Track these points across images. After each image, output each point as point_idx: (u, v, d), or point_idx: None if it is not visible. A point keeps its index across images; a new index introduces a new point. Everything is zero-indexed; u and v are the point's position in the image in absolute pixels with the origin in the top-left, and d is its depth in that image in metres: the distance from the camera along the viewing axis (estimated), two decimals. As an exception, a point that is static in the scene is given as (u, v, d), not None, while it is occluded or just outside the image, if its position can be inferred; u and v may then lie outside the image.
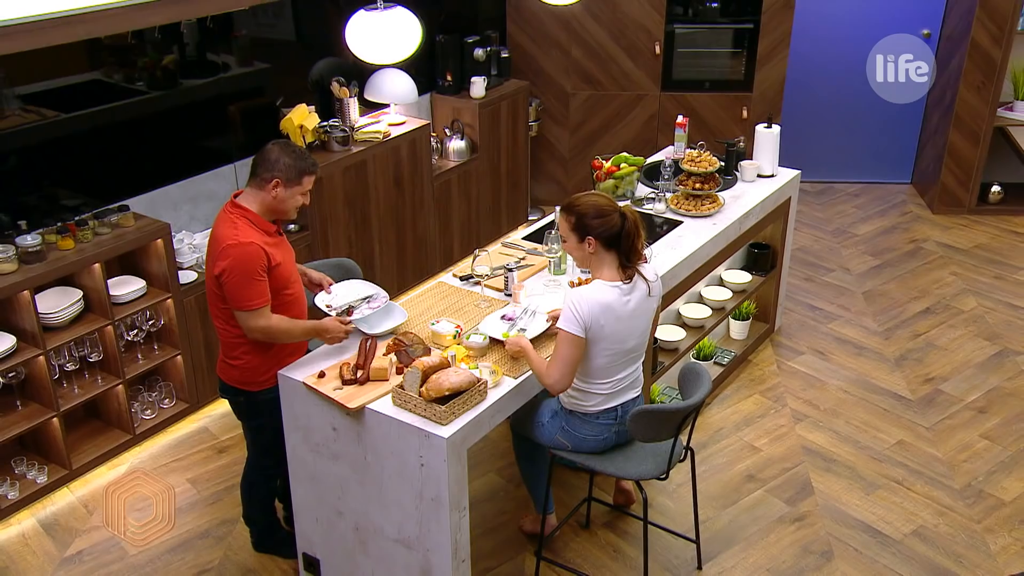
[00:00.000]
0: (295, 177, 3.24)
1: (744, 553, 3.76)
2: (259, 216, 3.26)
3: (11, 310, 3.87)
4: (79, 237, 4.00)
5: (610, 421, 3.30)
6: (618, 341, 3.15)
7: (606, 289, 3.11)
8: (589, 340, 3.10)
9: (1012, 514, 3.95)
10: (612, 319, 3.10)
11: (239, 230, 3.18)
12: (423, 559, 3.21)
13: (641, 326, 3.22)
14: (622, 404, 3.30)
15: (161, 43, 4.49)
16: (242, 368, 3.36)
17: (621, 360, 3.21)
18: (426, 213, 5.59)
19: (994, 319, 5.41)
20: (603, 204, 3.11)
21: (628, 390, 3.31)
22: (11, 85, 3.95)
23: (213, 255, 3.21)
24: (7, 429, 3.90)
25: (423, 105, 5.89)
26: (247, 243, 3.16)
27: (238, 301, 3.19)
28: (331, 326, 3.35)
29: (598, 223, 3.08)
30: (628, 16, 6.20)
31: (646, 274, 3.18)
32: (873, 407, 4.65)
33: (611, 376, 3.23)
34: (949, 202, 6.70)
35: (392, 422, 3.06)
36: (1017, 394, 4.74)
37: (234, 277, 3.15)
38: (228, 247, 3.15)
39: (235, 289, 3.17)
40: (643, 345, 3.29)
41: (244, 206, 3.26)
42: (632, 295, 3.14)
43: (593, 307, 3.06)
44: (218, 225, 3.25)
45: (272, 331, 3.26)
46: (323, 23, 5.23)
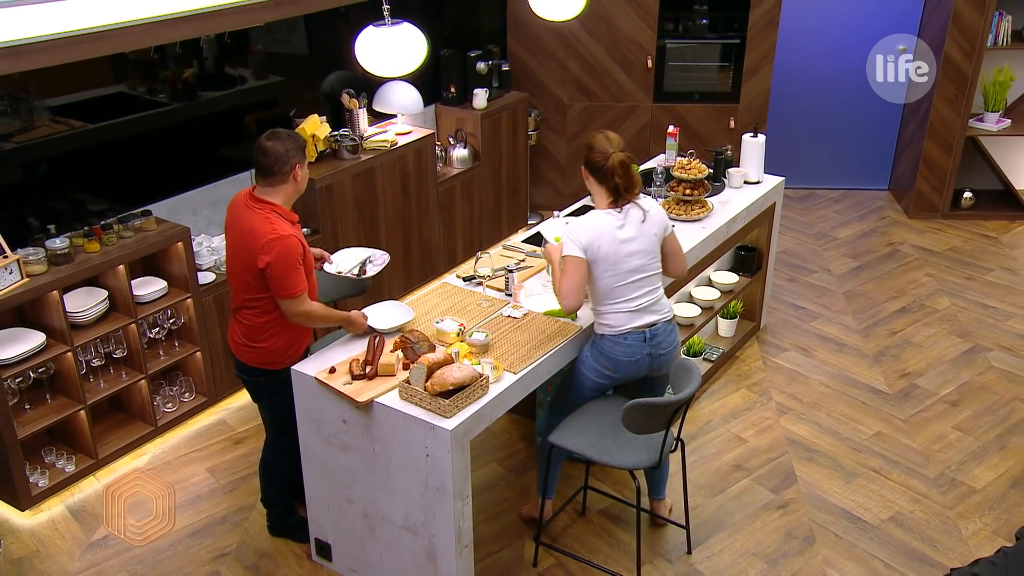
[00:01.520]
0: (303, 155, 3.35)
1: (731, 538, 3.76)
2: (285, 208, 3.32)
3: (41, 309, 3.86)
4: (104, 240, 4.00)
5: (639, 342, 3.38)
6: (617, 262, 3.29)
7: (599, 215, 3.32)
8: (590, 261, 3.28)
9: (983, 501, 3.95)
10: (607, 241, 3.27)
11: (275, 224, 3.23)
12: (428, 544, 3.21)
13: (640, 249, 3.32)
14: (649, 326, 3.38)
15: (182, 57, 4.49)
16: (266, 350, 3.41)
17: (627, 281, 3.32)
18: (431, 217, 5.59)
19: (966, 318, 5.40)
20: (599, 142, 3.31)
21: (650, 313, 3.38)
22: (41, 97, 3.95)
23: (253, 249, 3.22)
24: (38, 421, 3.90)
25: (428, 115, 5.89)
26: (287, 236, 3.22)
27: (284, 290, 3.25)
28: (356, 319, 3.48)
29: (588, 155, 3.34)
30: (622, 32, 6.19)
31: (642, 204, 3.34)
32: (853, 400, 4.65)
33: (623, 296, 3.33)
34: (924, 207, 6.70)
35: (399, 415, 3.06)
36: (988, 388, 4.74)
37: (279, 268, 3.21)
38: (271, 241, 3.19)
39: (281, 279, 3.23)
40: (649, 268, 3.36)
41: (270, 201, 3.28)
42: (626, 221, 3.30)
43: (588, 230, 3.27)
44: (251, 220, 3.26)
45: (312, 315, 3.36)
46: (334, 38, 5.23)
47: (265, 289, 3.29)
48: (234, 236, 3.36)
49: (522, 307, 3.67)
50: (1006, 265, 6.03)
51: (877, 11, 6.57)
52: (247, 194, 3.33)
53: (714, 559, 3.65)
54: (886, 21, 6.55)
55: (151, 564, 3.66)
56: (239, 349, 3.46)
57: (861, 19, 6.65)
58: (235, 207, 3.37)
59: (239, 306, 3.41)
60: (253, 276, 3.27)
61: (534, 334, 3.49)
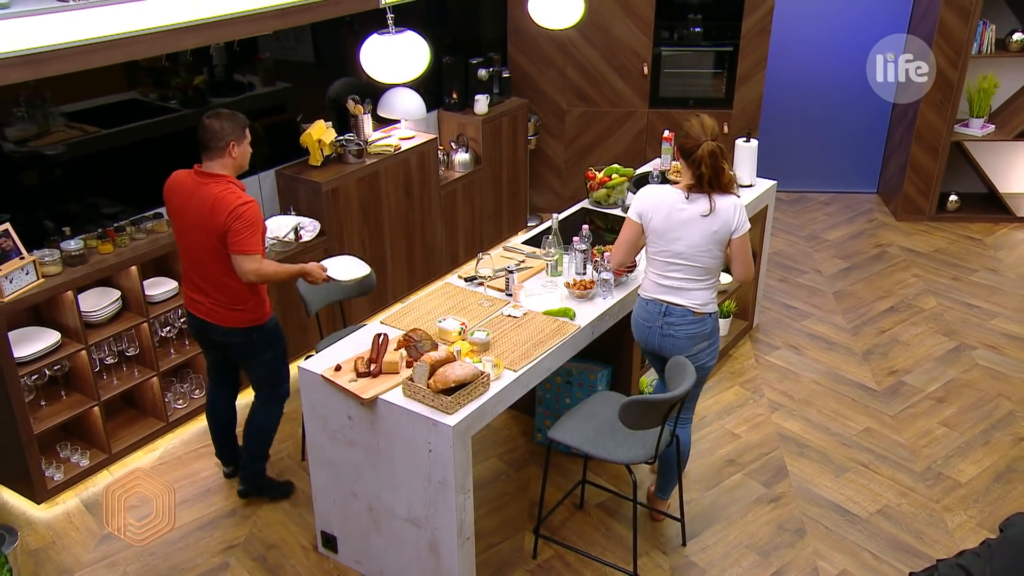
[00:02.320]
0: (241, 133, 3.44)
1: (725, 531, 3.76)
2: (234, 178, 3.44)
3: (56, 309, 3.86)
4: (117, 242, 4.00)
5: (655, 314, 3.41)
6: (664, 238, 3.33)
7: (669, 189, 3.36)
8: (644, 228, 3.37)
9: (967, 494, 3.95)
10: (661, 216, 3.31)
11: (240, 193, 3.38)
12: (431, 537, 3.21)
13: (690, 237, 3.30)
14: (666, 304, 3.39)
15: (192, 65, 4.49)
16: (249, 309, 3.54)
17: (668, 258, 3.35)
18: (433, 220, 5.58)
19: (952, 317, 5.40)
20: (693, 127, 3.29)
21: (674, 294, 3.38)
22: (57, 104, 3.94)
23: (221, 215, 3.32)
24: (53, 417, 3.90)
25: (431, 121, 5.88)
26: (251, 200, 3.38)
27: (243, 246, 3.34)
28: (313, 270, 3.61)
29: (681, 140, 3.32)
30: (619, 40, 6.19)
31: (717, 200, 3.27)
32: (842, 397, 4.65)
33: (657, 268, 3.39)
34: (911, 210, 6.69)
35: (402, 411, 3.06)
36: (972, 385, 4.73)
37: (244, 228, 3.33)
38: (241, 205, 3.33)
39: (243, 237, 3.33)
40: (692, 258, 3.32)
41: (220, 173, 3.41)
42: (689, 207, 3.28)
43: (649, 199, 3.36)
44: (212, 192, 3.36)
45: (264, 272, 3.43)
46: (339, 46, 5.23)
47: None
48: (193, 212, 3.41)
49: (522, 307, 3.67)
50: (990, 266, 6.03)
51: (866, 21, 6.56)
52: (191, 173, 3.45)
53: (708, 551, 3.65)
54: (875, 30, 6.54)
55: (163, 556, 3.65)
56: (224, 316, 3.53)
57: (851, 28, 6.65)
58: (181, 187, 3.46)
59: (213, 280, 3.48)
60: (220, 241, 3.37)
61: (533, 333, 3.49)
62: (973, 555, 2.56)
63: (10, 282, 3.58)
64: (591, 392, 4.01)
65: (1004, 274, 5.92)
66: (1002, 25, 6.26)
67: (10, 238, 3.69)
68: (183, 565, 3.61)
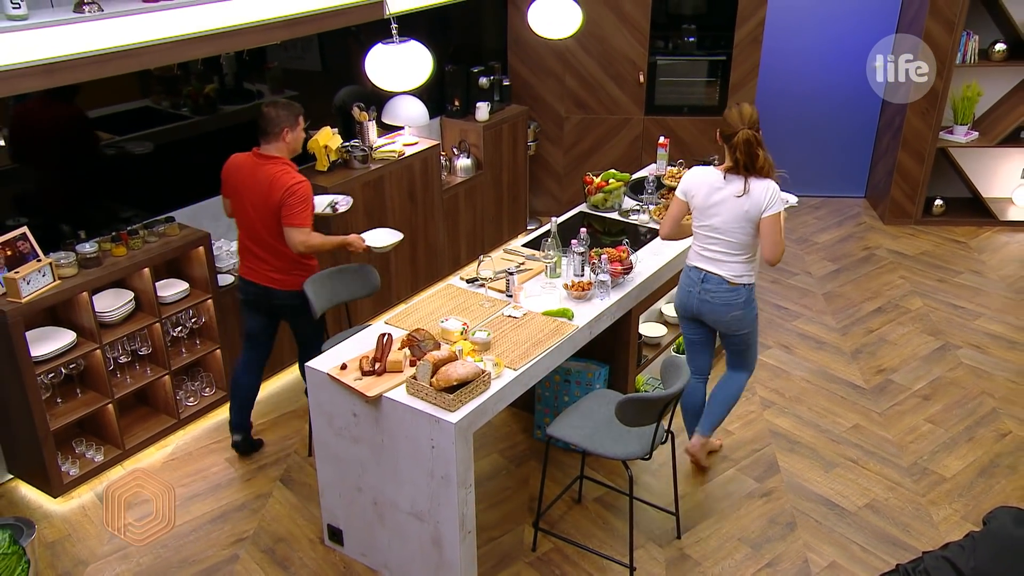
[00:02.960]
0: (295, 121, 3.74)
1: (718, 524, 3.76)
2: (288, 160, 3.76)
3: (72, 309, 3.87)
4: (131, 245, 4.00)
5: (695, 280, 3.67)
6: (704, 213, 3.58)
7: (711, 170, 3.59)
8: (689, 203, 3.63)
9: (952, 489, 3.95)
10: (702, 194, 3.57)
11: (293, 173, 3.70)
12: (434, 530, 3.21)
13: (725, 214, 3.53)
14: (705, 272, 3.64)
15: (203, 74, 4.49)
16: (308, 269, 3.87)
17: (707, 232, 3.60)
18: (436, 223, 5.58)
19: (937, 317, 5.40)
20: (732, 115, 3.50)
21: (712, 263, 3.62)
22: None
23: (278, 191, 3.64)
24: (69, 414, 3.90)
25: (434, 127, 5.89)
26: (304, 180, 3.70)
27: (295, 219, 3.66)
28: (353, 239, 3.97)
29: (721, 126, 3.54)
30: (616, 49, 6.19)
31: (752, 185, 3.47)
32: (832, 395, 4.65)
33: (700, 241, 3.64)
34: (898, 214, 6.70)
35: (406, 409, 3.06)
36: (957, 383, 4.73)
37: (297, 203, 3.65)
38: (296, 184, 3.66)
39: (296, 213, 3.66)
40: (727, 233, 3.55)
41: (276, 155, 3.73)
42: (727, 187, 3.51)
43: (694, 179, 3.61)
44: (269, 171, 3.68)
45: (313, 244, 3.76)
46: (345, 55, 5.23)
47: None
48: (251, 190, 3.72)
49: (522, 307, 3.67)
50: (974, 268, 6.03)
51: (854, 31, 6.57)
52: (250, 155, 3.75)
53: (702, 544, 3.65)
54: (862, 41, 6.55)
55: (174, 548, 3.66)
56: (282, 280, 3.85)
57: (840, 39, 6.66)
58: (240, 168, 3.78)
59: (272, 249, 3.78)
60: (277, 216, 3.69)
61: (533, 333, 3.49)
62: (958, 547, 2.56)
63: (27, 283, 3.59)
64: (589, 390, 4.02)
65: (987, 276, 5.92)
66: (985, 36, 6.27)
67: (28, 241, 3.69)
68: (194, 557, 3.61)
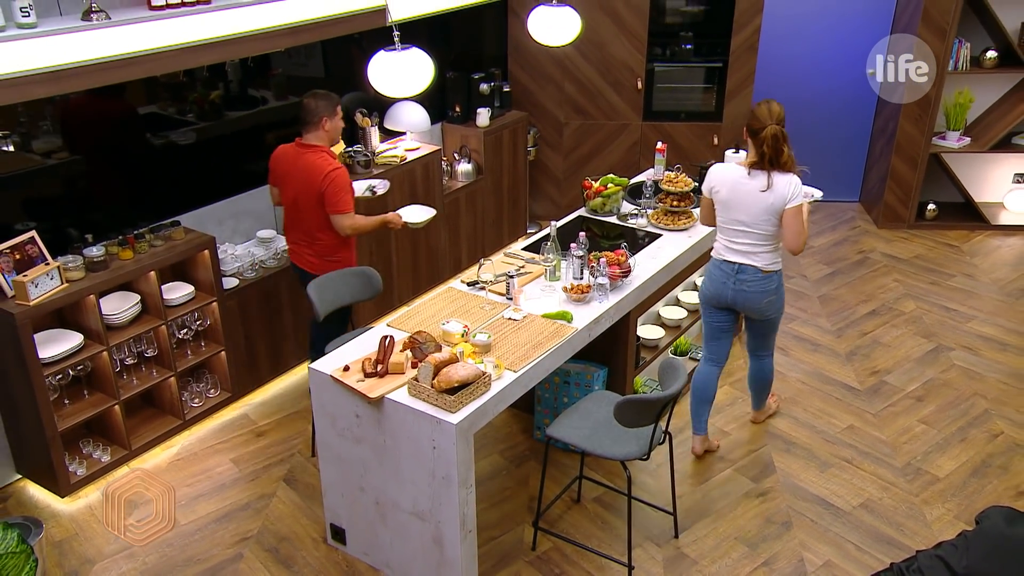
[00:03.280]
0: (333, 111, 3.96)
1: (715, 524, 3.76)
2: (328, 148, 3.96)
3: (79, 312, 3.87)
4: (137, 248, 4.00)
5: (728, 273, 3.78)
6: (729, 208, 3.69)
7: (734, 166, 3.71)
8: (714, 199, 3.75)
9: (945, 489, 3.95)
10: (727, 188, 3.68)
11: (331, 160, 3.90)
12: (435, 529, 3.21)
13: (751, 208, 3.63)
14: (736, 265, 3.75)
15: (208, 80, 4.49)
16: (341, 259, 4.08)
17: (734, 226, 3.71)
18: (437, 227, 5.58)
19: (930, 320, 5.40)
20: (761, 111, 3.64)
21: (742, 255, 3.74)
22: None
23: (317, 179, 3.85)
24: (76, 415, 3.89)
25: (435, 133, 5.89)
26: (341, 167, 3.90)
27: (338, 206, 3.88)
28: (392, 217, 4.18)
29: (749, 120, 3.67)
30: (614, 56, 6.20)
31: (775, 179, 3.58)
32: (827, 396, 4.65)
33: (728, 236, 3.76)
34: (892, 218, 6.70)
35: (408, 410, 3.06)
36: (950, 385, 4.73)
37: (336, 190, 3.85)
38: (332, 171, 3.86)
39: (339, 200, 3.87)
40: (753, 226, 3.66)
41: (316, 144, 3.93)
42: (751, 182, 3.62)
43: (716, 175, 3.74)
44: (310, 160, 3.89)
45: (359, 226, 3.99)
46: (348, 62, 5.23)
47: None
48: (294, 177, 3.94)
49: (522, 310, 3.67)
50: (967, 272, 6.03)
51: (847, 38, 6.58)
52: (293, 145, 3.97)
53: (699, 543, 3.65)
54: (856, 48, 6.57)
55: (179, 547, 3.65)
56: (318, 266, 4.05)
57: (834, 47, 6.67)
58: (284, 157, 4.00)
59: (310, 235, 4.00)
60: (320, 204, 3.89)
61: (533, 335, 3.49)
62: (951, 546, 2.55)
63: (36, 287, 3.59)
64: (588, 391, 4.02)
65: (979, 279, 5.92)
66: (976, 43, 6.27)
67: (36, 245, 3.69)
68: (199, 556, 3.61)
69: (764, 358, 4.12)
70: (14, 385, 3.74)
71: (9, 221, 3.79)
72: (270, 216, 4.90)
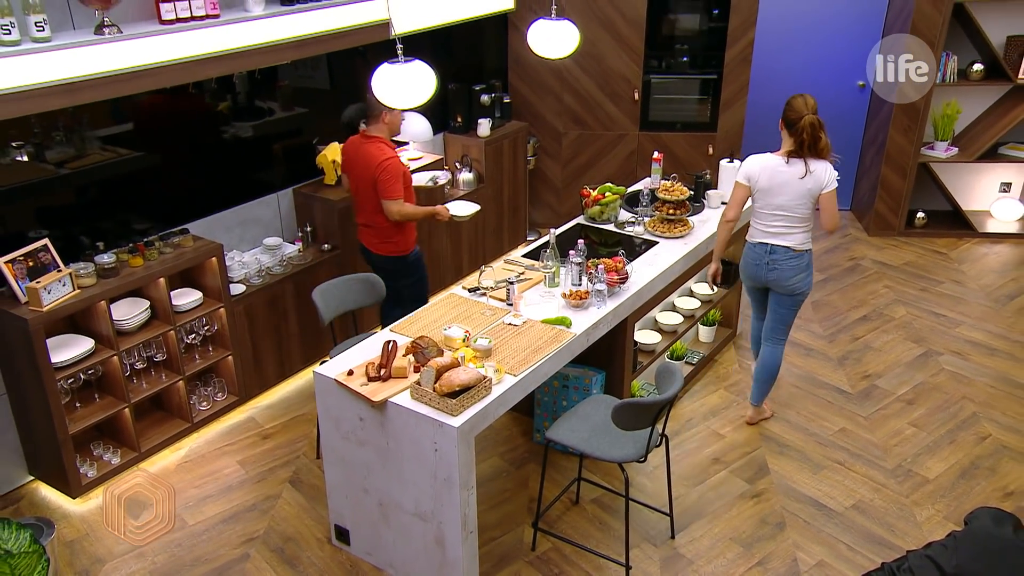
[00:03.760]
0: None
1: (710, 524, 3.75)
2: (387, 139, 4.22)
3: (90, 317, 3.87)
4: (147, 256, 4.00)
5: (762, 253, 4.03)
6: (769, 194, 3.91)
7: (771, 156, 3.92)
8: (751, 187, 3.96)
9: (935, 490, 3.95)
10: (767, 176, 3.89)
11: (385, 150, 4.14)
12: (437, 530, 3.20)
13: (789, 193, 3.86)
14: (769, 246, 4.00)
15: (217, 92, 4.51)
16: (396, 242, 4.30)
17: (771, 211, 3.94)
18: (440, 234, 5.59)
19: (920, 325, 5.41)
20: (796, 102, 3.86)
21: (776, 237, 3.97)
22: (92, 128, 3.96)
23: (372, 167, 4.11)
24: (87, 418, 3.89)
25: (437, 143, 5.90)
26: (394, 157, 4.14)
27: (387, 192, 4.11)
28: (439, 210, 4.41)
29: (785, 112, 3.89)
30: (611, 68, 6.22)
31: (811, 165, 3.81)
32: (819, 400, 4.65)
33: (764, 220, 3.98)
34: (882, 226, 6.71)
35: (410, 413, 3.06)
36: (939, 388, 4.73)
37: (386, 177, 4.08)
38: (384, 160, 4.10)
39: (386, 185, 4.09)
40: (791, 209, 3.89)
41: (375, 135, 4.19)
42: (789, 169, 3.85)
43: (755, 165, 3.94)
44: (368, 149, 4.16)
45: (406, 212, 4.19)
46: (353, 74, 5.24)
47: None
48: (358, 166, 4.21)
49: (521, 315, 3.67)
50: (955, 278, 6.04)
51: (838, 52, 6.60)
52: (359, 136, 4.24)
53: (695, 543, 3.65)
54: (846, 61, 6.59)
55: (188, 547, 3.65)
56: (377, 246, 4.32)
57: (824, 59, 6.68)
58: (351, 147, 4.29)
59: (370, 218, 4.26)
60: (374, 188, 4.12)
61: (532, 340, 3.49)
62: (940, 546, 2.55)
63: (48, 293, 3.59)
64: (586, 395, 4.02)
65: (968, 285, 5.93)
66: (963, 56, 6.29)
67: (49, 252, 3.70)
68: (207, 556, 3.61)
69: (779, 343, 4.25)
70: (27, 389, 3.74)
71: (23, 229, 3.79)
72: (276, 224, 4.91)
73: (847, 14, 6.52)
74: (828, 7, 6.51)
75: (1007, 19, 6.16)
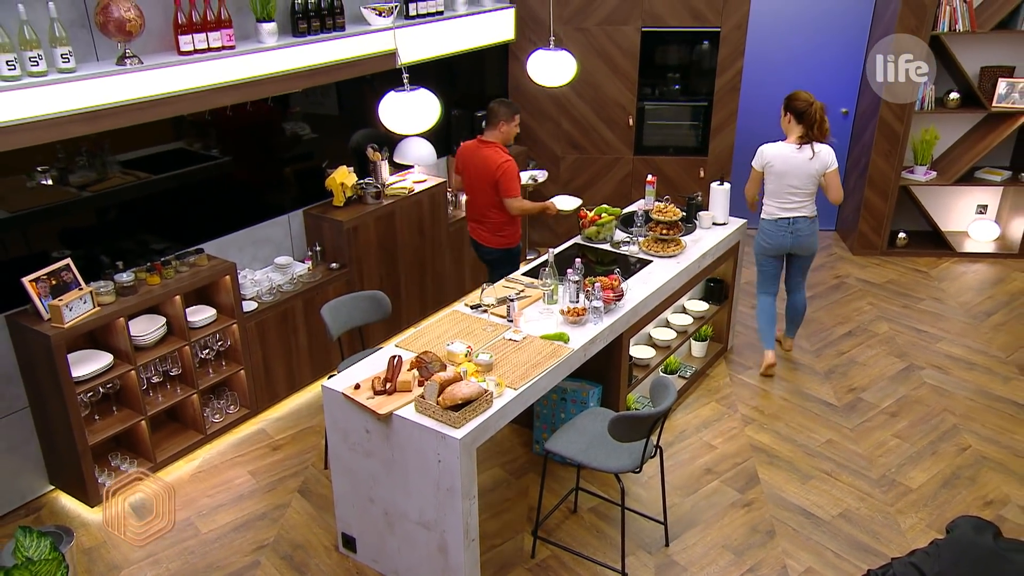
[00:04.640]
0: (510, 116, 4.54)
1: (703, 532, 3.74)
2: (502, 145, 4.55)
3: (109, 333, 3.88)
4: (164, 274, 4.02)
5: (785, 226, 4.61)
6: (781, 177, 4.51)
7: (783, 144, 4.50)
8: (764, 172, 4.55)
9: (918, 499, 3.94)
10: (780, 162, 4.48)
11: (501, 155, 4.48)
12: (440, 538, 3.20)
13: (800, 174, 4.47)
14: (791, 218, 4.59)
15: (232, 119, 4.53)
16: (506, 235, 4.67)
17: (786, 191, 4.53)
18: (443, 254, 5.61)
19: (902, 340, 5.41)
20: (800, 94, 4.43)
21: (796, 210, 4.57)
22: (113, 153, 3.98)
23: (491, 169, 4.46)
24: (105, 430, 3.89)
25: (441, 166, 5.93)
26: (511, 159, 4.48)
27: (508, 191, 4.48)
28: (549, 205, 4.75)
29: (792, 103, 4.42)
30: (607, 95, 6.26)
31: (816, 147, 4.42)
32: (807, 412, 4.64)
33: (779, 198, 4.57)
34: (865, 245, 6.72)
35: (415, 426, 3.06)
36: (922, 401, 4.73)
37: (507, 178, 4.44)
38: (503, 163, 4.45)
39: (507, 184, 4.45)
40: (803, 187, 4.50)
41: (492, 141, 4.53)
42: (800, 154, 4.45)
43: (769, 152, 4.52)
44: (487, 153, 4.50)
45: (525, 208, 4.60)
46: (360, 101, 5.28)
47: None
48: (473, 167, 4.56)
49: (521, 331, 3.68)
50: (935, 296, 6.05)
51: (822, 79, 6.64)
52: (475, 141, 4.58)
53: (688, 551, 3.63)
54: (829, 87, 6.63)
55: (200, 555, 3.64)
56: (489, 240, 4.70)
57: (810, 87, 6.67)
58: (466, 151, 4.62)
59: (483, 214, 4.63)
60: (493, 190, 4.48)
61: (532, 355, 3.50)
62: (924, 554, 2.55)
63: (70, 310, 3.60)
64: (583, 408, 4.01)
65: (947, 303, 5.94)
66: (940, 86, 6.34)
67: (71, 271, 3.71)
68: (219, 563, 3.59)
69: (801, 289, 4.90)
70: (49, 402, 3.74)
71: (47, 249, 3.81)
72: (287, 244, 4.93)
73: (832, 44, 6.58)
74: (813, 39, 6.57)
75: (981, 51, 6.22)
